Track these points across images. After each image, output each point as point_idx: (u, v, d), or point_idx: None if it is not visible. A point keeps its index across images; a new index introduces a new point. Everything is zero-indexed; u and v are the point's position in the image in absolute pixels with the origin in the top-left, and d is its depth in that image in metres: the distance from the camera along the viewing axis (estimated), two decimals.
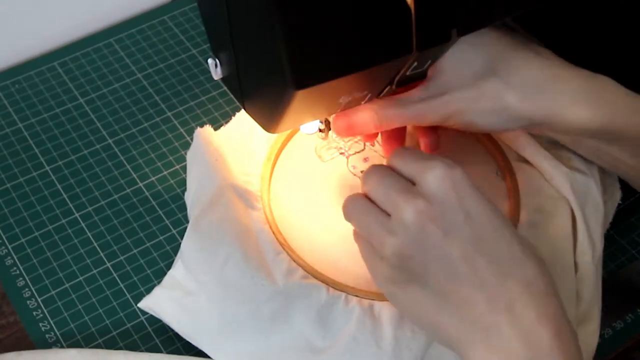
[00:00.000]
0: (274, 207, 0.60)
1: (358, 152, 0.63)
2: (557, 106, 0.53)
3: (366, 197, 0.52)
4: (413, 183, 0.50)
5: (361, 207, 0.51)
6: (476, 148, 0.63)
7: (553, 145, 0.60)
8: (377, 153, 0.63)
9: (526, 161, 0.61)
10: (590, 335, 0.56)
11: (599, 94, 0.53)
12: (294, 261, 0.57)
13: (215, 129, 0.68)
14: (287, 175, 0.63)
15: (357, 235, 0.53)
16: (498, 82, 0.53)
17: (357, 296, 0.56)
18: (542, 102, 0.53)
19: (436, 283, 0.48)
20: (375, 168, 0.52)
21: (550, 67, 0.54)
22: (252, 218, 0.59)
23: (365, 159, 0.63)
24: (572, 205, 0.58)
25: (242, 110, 0.56)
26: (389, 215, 0.50)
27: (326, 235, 0.59)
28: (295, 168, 0.63)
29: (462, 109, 0.54)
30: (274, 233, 0.59)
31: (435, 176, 0.49)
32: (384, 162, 0.56)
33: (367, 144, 0.63)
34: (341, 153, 0.63)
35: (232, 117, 0.65)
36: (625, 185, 0.60)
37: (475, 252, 0.47)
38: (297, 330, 0.54)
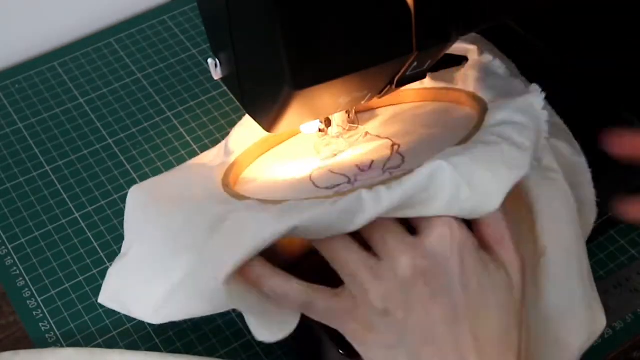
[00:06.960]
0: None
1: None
2: None
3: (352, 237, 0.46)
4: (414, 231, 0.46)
5: (345, 244, 0.46)
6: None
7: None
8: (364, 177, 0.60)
9: None
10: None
11: None
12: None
13: (216, 128, 0.69)
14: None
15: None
16: None
17: None
18: None
19: (412, 341, 0.44)
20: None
21: None
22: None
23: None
24: (533, 207, 0.55)
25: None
26: (377, 259, 0.45)
27: None
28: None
29: None
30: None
31: (441, 235, 0.45)
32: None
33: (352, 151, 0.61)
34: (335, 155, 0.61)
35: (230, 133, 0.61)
36: (625, 185, 0.60)
37: (456, 319, 0.44)
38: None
